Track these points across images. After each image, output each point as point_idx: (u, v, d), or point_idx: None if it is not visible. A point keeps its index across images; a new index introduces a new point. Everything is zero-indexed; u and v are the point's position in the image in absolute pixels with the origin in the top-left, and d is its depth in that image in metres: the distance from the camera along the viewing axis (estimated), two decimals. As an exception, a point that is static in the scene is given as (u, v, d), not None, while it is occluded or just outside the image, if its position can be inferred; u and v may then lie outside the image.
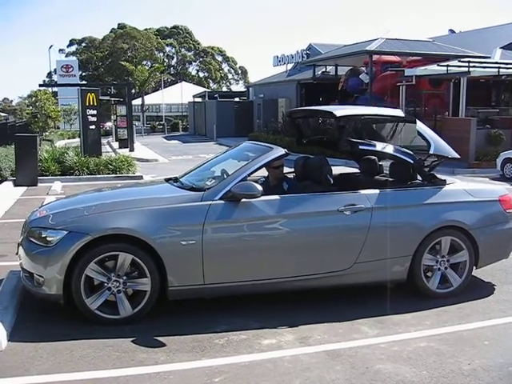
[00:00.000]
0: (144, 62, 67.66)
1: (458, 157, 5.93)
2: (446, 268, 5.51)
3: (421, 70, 21.26)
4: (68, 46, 72.22)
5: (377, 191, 5.42)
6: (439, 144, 5.83)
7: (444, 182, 5.75)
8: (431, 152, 5.69)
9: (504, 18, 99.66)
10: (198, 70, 77.62)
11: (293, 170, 6.33)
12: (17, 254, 5.16)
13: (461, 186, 5.81)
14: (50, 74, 64.15)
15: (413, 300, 5.39)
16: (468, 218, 5.54)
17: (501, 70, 20.51)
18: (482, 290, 5.78)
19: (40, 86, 28.66)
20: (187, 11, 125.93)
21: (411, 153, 5.88)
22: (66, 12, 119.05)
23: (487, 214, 5.69)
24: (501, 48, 24.67)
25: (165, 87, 56.71)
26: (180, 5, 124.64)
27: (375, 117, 6.32)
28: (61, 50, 71.02)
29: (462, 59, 21.12)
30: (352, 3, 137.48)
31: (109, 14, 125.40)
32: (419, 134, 5.84)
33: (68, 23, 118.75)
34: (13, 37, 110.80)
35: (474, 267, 5.69)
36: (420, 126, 5.89)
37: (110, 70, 66.78)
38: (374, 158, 6.23)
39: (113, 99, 30.91)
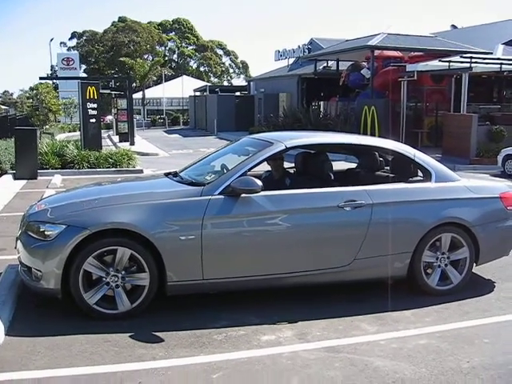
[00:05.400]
0: (145, 56, 67.47)
1: (460, 179, 5.82)
2: (446, 265, 5.48)
3: (422, 66, 21.17)
4: (70, 38, 72.05)
5: (377, 187, 5.39)
6: (440, 171, 5.72)
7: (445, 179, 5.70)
8: (432, 182, 5.60)
9: (507, 14, 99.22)
10: (198, 65, 77.38)
11: (293, 165, 6.30)
12: (15, 247, 5.14)
13: (462, 183, 5.77)
14: (53, 67, 63.91)
15: (413, 297, 5.37)
16: (469, 214, 5.51)
17: (503, 66, 20.44)
18: (482, 287, 5.76)
19: (40, 78, 28.48)
20: (189, 5, 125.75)
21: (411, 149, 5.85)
22: (68, 6, 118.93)
23: (488, 211, 5.66)
24: (503, 44, 24.59)
25: (166, 81, 56.54)
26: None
27: (329, 145, 6.24)
28: (62, 43, 70.96)
29: (464, 55, 21.01)
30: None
31: (111, 8, 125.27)
32: (418, 165, 5.74)
33: (70, 17, 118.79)
34: (15, 30, 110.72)
35: (475, 264, 5.67)
36: (419, 156, 5.77)
37: (111, 63, 66.59)
38: (374, 153, 6.18)
39: (113, 93, 30.81)
